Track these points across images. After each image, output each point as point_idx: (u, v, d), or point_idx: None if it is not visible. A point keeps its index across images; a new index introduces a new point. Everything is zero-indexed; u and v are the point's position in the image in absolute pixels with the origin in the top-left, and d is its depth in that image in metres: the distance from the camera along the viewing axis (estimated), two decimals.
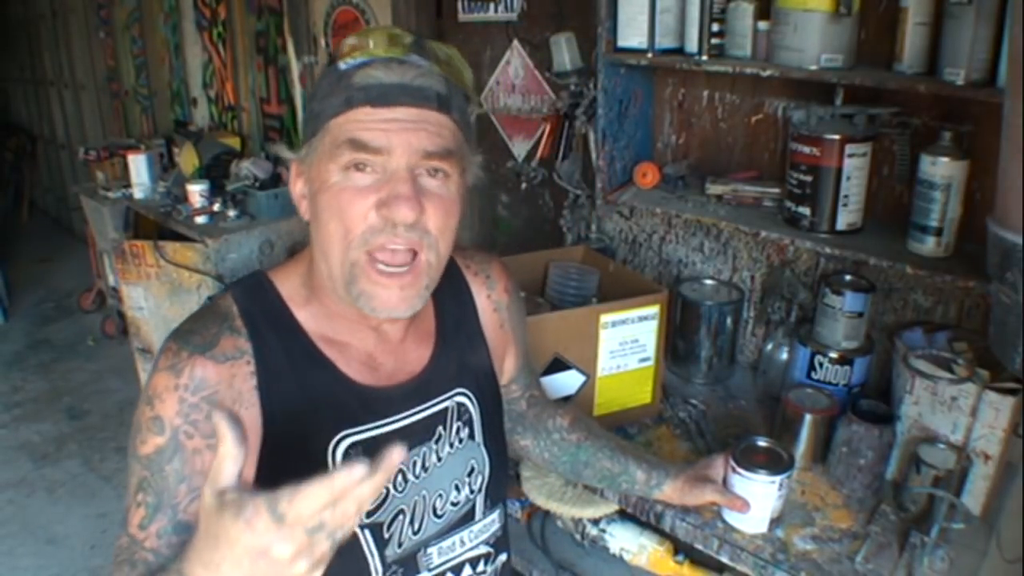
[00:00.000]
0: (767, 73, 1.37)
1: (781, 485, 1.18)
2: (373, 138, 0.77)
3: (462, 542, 0.96)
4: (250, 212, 2.86)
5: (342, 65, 0.80)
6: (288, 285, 0.89)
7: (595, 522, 1.57)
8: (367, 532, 0.87)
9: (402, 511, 0.89)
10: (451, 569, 0.96)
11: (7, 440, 3.21)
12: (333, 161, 0.79)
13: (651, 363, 1.54)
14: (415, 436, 0.90)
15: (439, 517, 0.93)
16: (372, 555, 0.87)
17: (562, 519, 1.61)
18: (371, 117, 0.77)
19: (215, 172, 3.09)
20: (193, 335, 0.82)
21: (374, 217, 0.78)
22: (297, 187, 0.87)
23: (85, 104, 4.93)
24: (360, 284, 0.80)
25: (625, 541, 1.54)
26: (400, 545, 0.90)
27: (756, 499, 1.19)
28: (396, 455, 0.53)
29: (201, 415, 0.78)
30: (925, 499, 1.23)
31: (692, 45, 1.47)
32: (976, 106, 1.22)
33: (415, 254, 0.80)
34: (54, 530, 2.68)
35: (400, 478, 0.89)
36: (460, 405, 0.96)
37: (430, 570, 0.93)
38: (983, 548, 1.21)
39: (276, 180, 2.94)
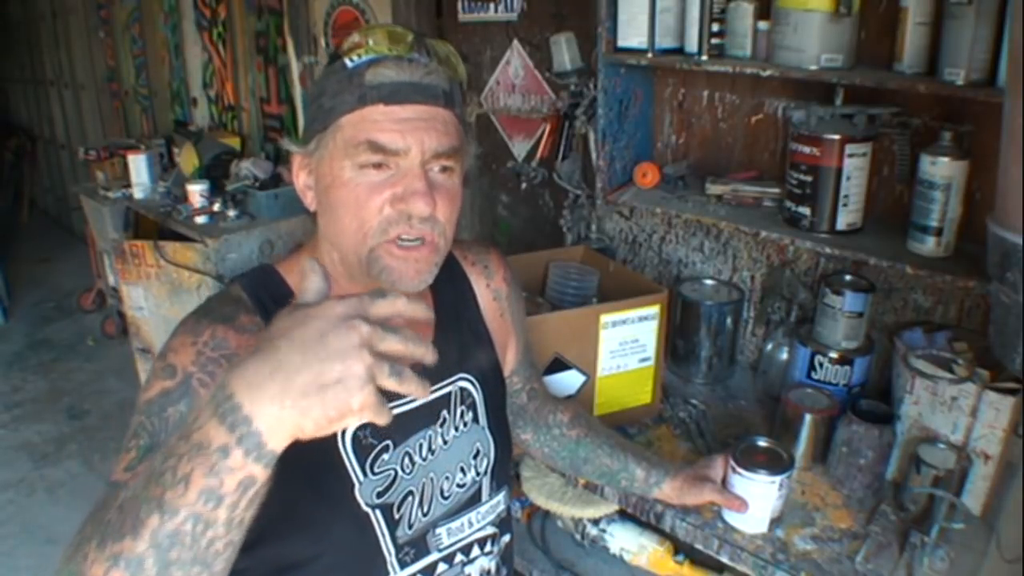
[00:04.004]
0: (767, 73, 1.37)
1: (781, 485, 1.19)
2: (391, 140, 0.80)
3: (470, 523, 0.98)
4: (250, 212, 2.86)
5: (348, 62, 0.82)
6: (294, 274, 0.91)
7: (595, 522, 1.57)
8: (378, 513, 0.88)
9: (411, 493, 0.91)
10: (461, 550, 0.97)
11: (7, 440, 3.21)
12: (348, 158, 0.81)
13: (651, 363, 1.54)
14: (420, 419, 0.93)
15: (446, 499, 0.95)
16: (384, 536, 0.89)
17: (562, 519, 1.61)
18: (385, 116, 0.80)
19: (215, 172, 3.08)
20: (211, 311, 0.85)
21: (389, 210, 0.82)
22: (301, 179, 0.90)
23: (85, 104, 4.92)
24: (382, 262, 0.84)
25: (625, 541, 1.54)
26: (411, 527, 0.91)
27: (756, 499, 1.19)
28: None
29: (219, 369, 0.78)
30: (925, 499, 1.23)
31: (692, 45, 1.47)
32: (976, 106, 1.22)
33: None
34: (54, 530, 2.67)
35: (407, 460, 0.91)
36: (463, 390, 0.98)
37: (440, 550, 0.95)
38: (983, 548, 1.21)
39: (276, 180, 2.93)
